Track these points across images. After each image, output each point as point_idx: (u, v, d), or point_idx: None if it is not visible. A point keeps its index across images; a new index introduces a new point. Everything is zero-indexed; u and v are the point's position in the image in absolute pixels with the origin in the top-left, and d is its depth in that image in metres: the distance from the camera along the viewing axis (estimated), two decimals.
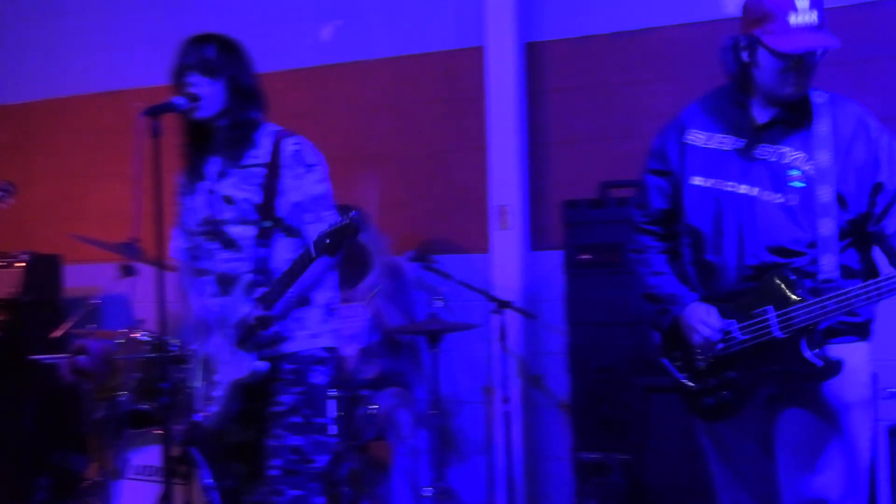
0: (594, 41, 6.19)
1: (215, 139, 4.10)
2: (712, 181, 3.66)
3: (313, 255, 3.79)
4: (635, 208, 3.95)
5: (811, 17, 3.43)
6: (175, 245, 4.32)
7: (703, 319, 3.64)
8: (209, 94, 3.99)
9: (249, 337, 3.95)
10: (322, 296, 4.14)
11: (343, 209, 4.02)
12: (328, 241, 3.73)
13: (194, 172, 4.16)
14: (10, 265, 7.12)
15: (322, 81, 6.92)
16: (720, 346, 3.63)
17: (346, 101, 6.86)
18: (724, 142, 3.68)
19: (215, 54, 4.02)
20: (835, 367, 3.45)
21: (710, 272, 3.68)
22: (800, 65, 3.48)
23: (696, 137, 3.74)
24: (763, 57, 3.53)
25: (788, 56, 3.46)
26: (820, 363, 3.47)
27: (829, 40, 3.43)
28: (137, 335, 5.63)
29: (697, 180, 3.70)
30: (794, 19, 3.43)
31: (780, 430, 3.65)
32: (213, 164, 4.12)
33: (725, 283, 3.64)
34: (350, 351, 6.00)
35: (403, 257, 6.03)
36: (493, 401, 6.24)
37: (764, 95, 3.63)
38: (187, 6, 7.32)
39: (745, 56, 3.60)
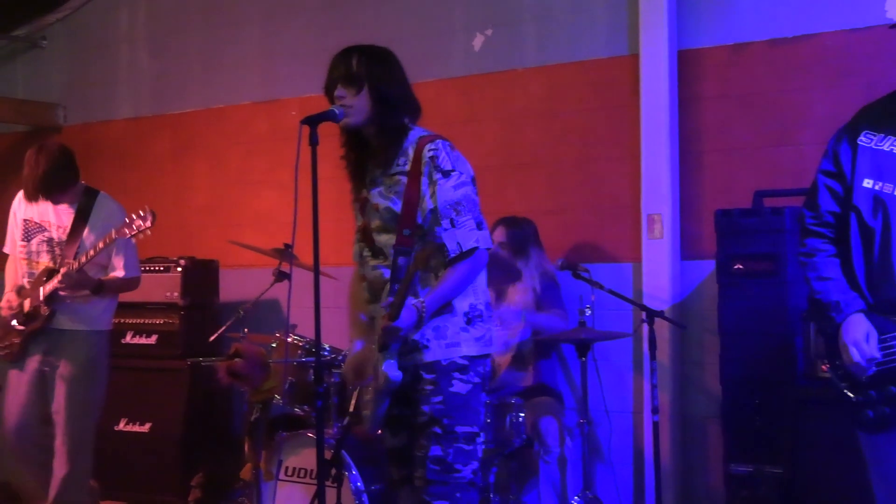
0: (749, 48, 6.09)
1: (370, 147, 4.16)
2: (881, 184, 3.59)
3: (415, 268, 3.82)
4: (806, 209, 3.85)
5: None
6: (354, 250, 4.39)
7: (857, 342, 3.55)
8: (356, 104, 4.02)
9: (386, 345, 3.98)
10: (462, 302, 4.08)
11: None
12: (424, 258, 3.75)
13: (358, 180, 4.23)
14: (169, 270, 7.34)
15: (474, 91, 6.96)
16: (872, 371, 3.55)
17: (498, 110, 6.89)
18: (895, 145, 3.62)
19: (358, 66, 4.04)
20: None
21: (878, 278, 3.59)
22: None
23: (869, 139, 3.68)
24: None
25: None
26: None
27: None
28: (291, 339, 5.74)
29: (868, 183, 3.63)
30: None
31: None
32: (370, 172, 4.18)
33: (894, 289, 3.55)
34: (501, 358, 6.02)
35: (554, 265, 6.03)
36: (642, 411, 6.19)
37: None
38: (342, 18, 7.44)
39: None
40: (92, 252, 5.70)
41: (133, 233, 5.57)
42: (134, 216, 5.58)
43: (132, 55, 8.61)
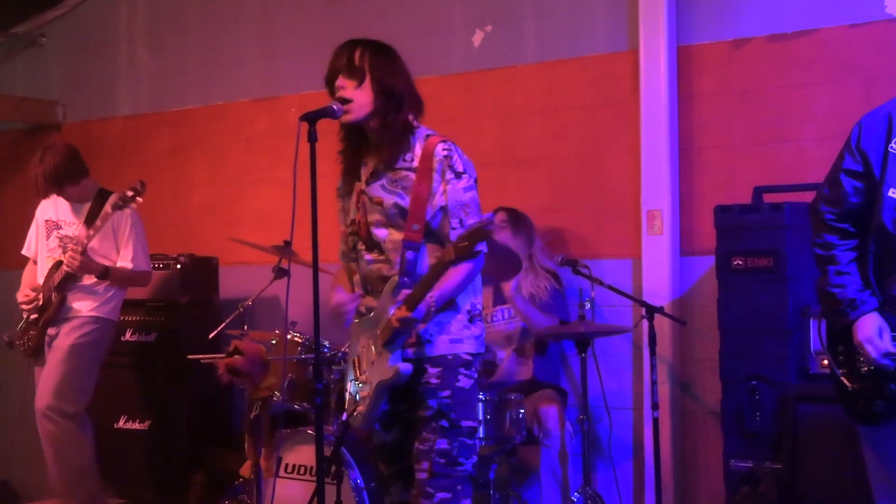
0: (748, 44, 6.08)
1: (369, 141, 4.16)
2: None
3: (451, 258, 3.83)
4: (824, 203, 3.83)
5: None
6: (341, 249, 4.39)
7: (870, 338, 3.55)
8: (358, 97, 4.03)
9: (394, 338, 4.00)
10: (465, 300, 4.15)
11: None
12: (464, 243, 3.77)
13: (350, 174, 4.23)
14: (169, 267, 7.33)
15: (473, 87, 6.95)
16: (892, 365, 3.54)
17: (498, 107, 6.88)
18: None
19: (361, 58, 4.05)
20: None
21: (891, 282, 3.57)
22: None
23: None
24: None
25: None
26: None
27: None
28: (291, 336, 5.74)
29: (893, 193, 3.59)
30: None
31: None
32: (367, 166, 4.18)
33: None
34: (501, 354, 6.03)
35: (554, 261, 6.02)
36: (642, 407, 6.19)
37: None
38: (342, 15, 7.43)
39: None
40: (91, 231, 6.00)
41: (123, 203, 5.93)
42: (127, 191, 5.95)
43: (131, 52, 8.60)
